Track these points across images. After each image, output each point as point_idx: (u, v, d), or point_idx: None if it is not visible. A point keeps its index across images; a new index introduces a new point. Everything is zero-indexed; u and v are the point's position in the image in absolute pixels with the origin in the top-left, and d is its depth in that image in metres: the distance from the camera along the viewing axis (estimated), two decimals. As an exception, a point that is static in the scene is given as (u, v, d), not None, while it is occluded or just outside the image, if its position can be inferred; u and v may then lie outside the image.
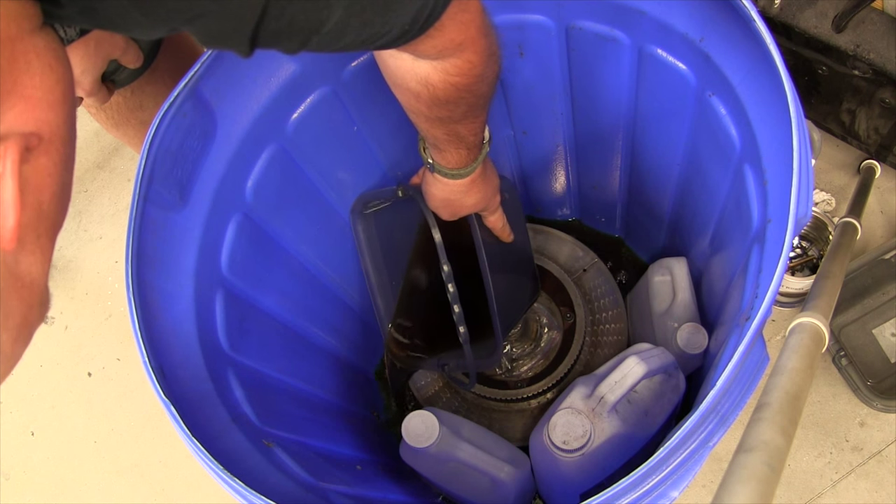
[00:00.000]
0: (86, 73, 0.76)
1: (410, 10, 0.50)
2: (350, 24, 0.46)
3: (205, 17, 0.40)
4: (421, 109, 0.68)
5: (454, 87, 0.65)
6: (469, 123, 0.72)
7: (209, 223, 0.79)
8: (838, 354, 1.15)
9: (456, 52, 0.61)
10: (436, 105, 0.67)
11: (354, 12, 0.45)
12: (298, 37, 0.45)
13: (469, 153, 0.77)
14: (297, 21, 0.43)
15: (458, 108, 0.68)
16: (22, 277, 0.35)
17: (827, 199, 1.30)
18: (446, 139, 0.74)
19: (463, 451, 0.90)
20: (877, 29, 1.01)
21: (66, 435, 1.47)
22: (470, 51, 0.62)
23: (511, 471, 0.91)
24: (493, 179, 0.86)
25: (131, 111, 0.99)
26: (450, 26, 0.57)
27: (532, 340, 1.12)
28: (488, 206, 0.88)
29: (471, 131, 0.74)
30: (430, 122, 0.70)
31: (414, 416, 0.88)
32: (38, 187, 0.35)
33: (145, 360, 0.64)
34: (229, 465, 0.61)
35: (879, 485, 1.14)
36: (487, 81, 0.67)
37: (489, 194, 0.86)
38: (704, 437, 0.61)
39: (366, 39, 0.49)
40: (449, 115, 0.69)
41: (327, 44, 0.47)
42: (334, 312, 1.08)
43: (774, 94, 0.63)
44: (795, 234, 0.57)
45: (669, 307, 0.98)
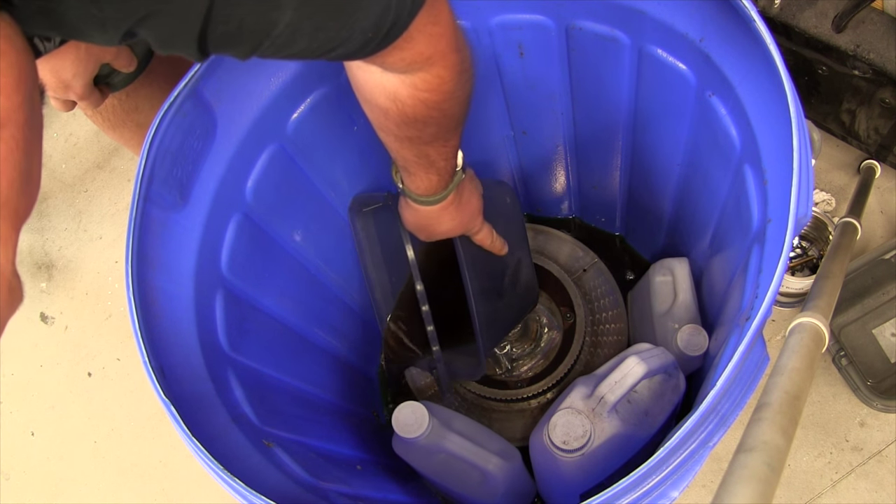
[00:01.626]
0: (77, 76, 0.76)
1: (370, 17, 0.48)
2: (301, 27, 0.44)
3: (154, 18, 0.39)
4: (390, 127, 0.67)
5: (423, 104, 0.63)
6: (440, 146, 0.70)
7: (209, 223, 0.79)
8: (838, 354, 1.15)
9: (425, 66, 0.60)
10: (404, 123, 0.65)
11: (305, 15, 0.44)
12: (249, 41, 0.44)
13: (440, 179, 0.75)
14: (247, 24, 0.42)
15: (427, 128, 0.66)
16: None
17: (827, 199, 1.30)
18: (416, 162, 0.72)
19: (452, 442, 0.90)
20: (877, 29, 1.01)
21: (66, 435, 1.47)
22: (440, 65, 0.60)
23: (500, 463, 0.91)
24: (470, 205, 0.83)
25: (127, 113, 0.99)
26: (419, 38, 0.56)
27: (532, 340, 1.12)
28: (468, 230, 0.86)
29: (441, 155, 0.71)
30: (399, 141, 0.69)
31: (404, 406, 0.88)
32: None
33: (145, 360, 0.64)
34: (229, 465, 0.61)
35: (879, 485, 1.14)
36: (458, 100, 0.65)
37: (465, 220, 0.83)
38: (704, 437, 0.61)
39: (322, 45, 0.48)
40: (418, 136, 0.67)
41: (279, 48, 0.46)
42: (334, 312, 1.08)
43: (774, 94, 0.63)
44: (795, 234, 0.57)
45: (670, 308, 0.98)
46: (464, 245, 0.89)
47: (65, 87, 0.77)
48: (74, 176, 1.70)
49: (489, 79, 0.93)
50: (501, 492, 0.93)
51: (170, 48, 0.43)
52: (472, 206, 0.83)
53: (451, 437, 0.90)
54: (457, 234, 0.85)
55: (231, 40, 0.44)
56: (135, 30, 0.41)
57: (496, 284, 0.97)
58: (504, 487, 0.92)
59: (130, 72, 0.84)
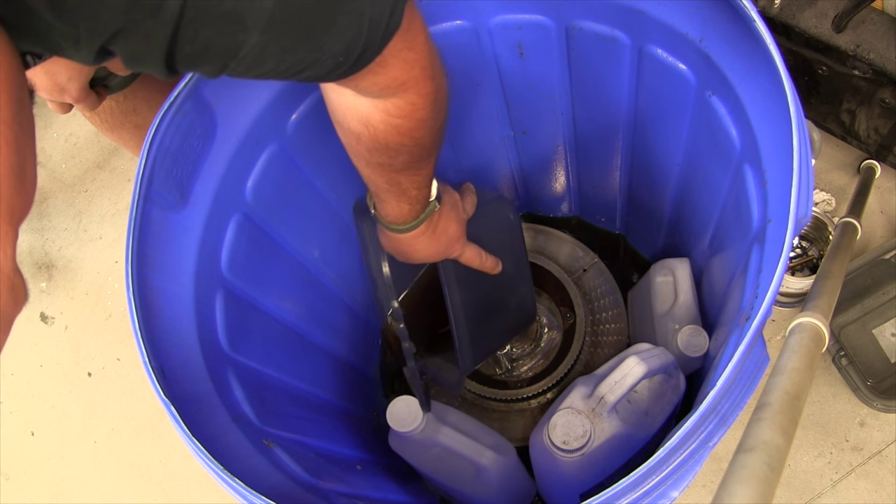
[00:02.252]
0: (72, 79, 0.76)
1: (340, 41, 0.47)
2: (268, 49, 0.44)
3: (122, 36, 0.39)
4: (361, 153, 0.66)
5: (395, 130, 0.62)
6: (411, 175, 0.70)
7: (209, 223, 0.79)
8: (838, 354, 1.15)
9: (398, 92, 0.59)
10: (376, 149, 0.65)
11: (272, 37, 0.43)
12: (216, 61, 0.44)
13: (411, 208, 0.74)
14: (213, 46, 0.42)
15: (399, 156, 0.66)
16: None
17: (827, 199, 1.30)
18: (387, 189, 0.71)
19: (445, 435, 0.90)
20: (877, 29, 1.01)
21: (66, 435, 1.47)
22: (413, 92, 0.60)
23: (493, 456, 0.90)
24: (445, 234, 0.81)
25: (125, 115, 1.00)
26: (393, 64, 0.55)
27: (532, 340, 1.12)
28: (447, 256, 0.85)
29: (413, 184, 0.71)
30: (371, 167, 0.68)
31: (398, 400, 0.88)
32: None
33: (145, 360, 0.64)
34: (229, 465, 0.61)
35: (879, 485, 1.14)
36: (431, 129, 0.65)
37: (441, 249, 0.82)
38: (704, 437, 0.61)
39: (291, 67, 0.47)
40: (390, 163, 0.67)
41: (248, 69, 0.45)
42: (334, 312, 1.08)
43: (774, 94, 0.63)
44: (795, 234, 0.57)
45: (671, 308, 0.98)
46: (446, 263, 0.88)
47: (60, 90, 0.77)
48: (74, 176, 1.70)
49: (489, 79, 0.93)
50: (496, 486, 0.93)
51: (139, 66, 0.43)
52: (448, 235, 0.82)
53: (445, 431, 0.90)
54: (435, 260, 0.84)
55: (198, 60, 0.43)
56: (107, 47, 0.40)
57: (486, 302, 0.96)
58: (498, 481, 0.92)
59: (127, 74, 0.84)
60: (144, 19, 0.39)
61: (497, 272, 0.92)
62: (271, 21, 0.42)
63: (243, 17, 0.41)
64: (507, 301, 1.01)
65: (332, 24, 0.46)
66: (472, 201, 0.87)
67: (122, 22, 0.38)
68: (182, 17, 0.39)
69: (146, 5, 0.38)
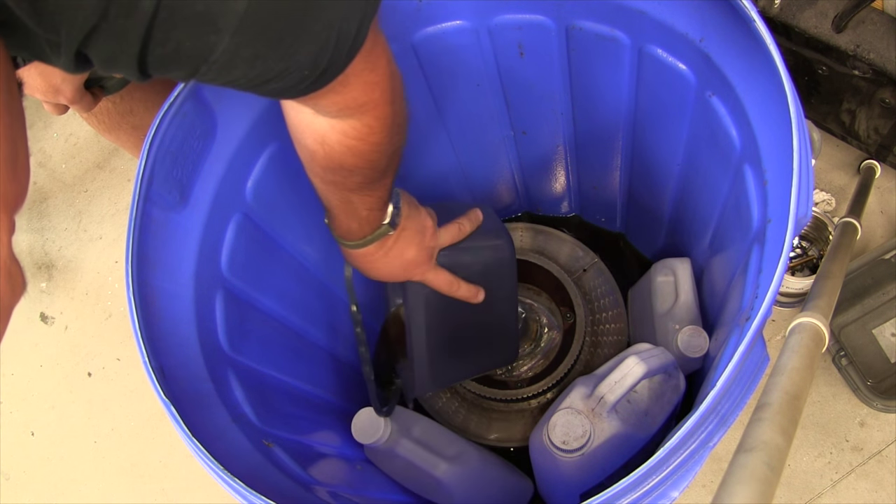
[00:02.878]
0: (66, 80, 0.76)
1: (309, 50, 0.47)
2: (239, 53, 0.44)
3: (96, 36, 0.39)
4: (316, 170, 0.67)
5: (350, 152, 0.63)
6: (364, 196, 0.70)
7: (209, 223, 0.79)
8: (838, 354, 1.15)
9: (356, 114, 0.60)
10: (330, 168, 0.65)
11: (244, 41, 0.43)
12: (187, 65, 0.44)
13: (360, 228, 0.75)
14: (184, 48, 0.42)
15: (352, 176, 0.67)
16: None
17: (827, 199, 1.30)
18: (338, 206, 0.72)
19: (403, 447, 0.90)
20: (877, 29, 1.01)
21: (66, 435, 1.47)
22: (371, 115, 0.60)
23: (448, 469, 0.90)
24: (401, 258, 0.81)
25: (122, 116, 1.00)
26: (354, 84, 0.55)
27: (532, 340, 1.12)
28: (407, 278, 0.85)
29: (364, 204, 0.72)
30: (325, 184, 0.69)
31: (362, 413, 0.89)
32: None
33: (145, 360, 0.64)
34: (229, 465, 0.61)
35: (879, 485, 1.14)
36: (386, 153, 0.65)
37: (397, 271, 0.83)
38: (704, 437, 0.61)
39: (260, 75, 0.47)
40: (343, 182, 0.68)
41: (218, 74, 0.45)
42: (335, 312, 1.08)
43: (774, 94, 0.63)
44: (795, 234, 0.57)
45: (671, 308, 0.98)
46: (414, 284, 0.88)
47: (55, 91, 0.77)
48: (74, 176, 1.70)
49: (489, 79, 0.93)
50: (458, 496, 0.92)
51: (113, 68, 0.43)
52: (403, 259, 0.82)
53: (403, 443, 0.90)
54: (394, 280, 0.85)
55: (170, 63, 0.43)
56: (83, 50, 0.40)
57: (459, 331, 0.95)
58: (459, 492, 0.92)
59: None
60: (118, 18, 0.38)
61: (477, 301, 0.91)
62: (243, 23, 0.42)
63: (215, 18, 0.41)
64: (485, 336, 0.99)
65: (303, 32, 0.46)
66: (457, 231, 0.87)
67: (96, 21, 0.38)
68: (155, 16, 0.39)
69: (121, 4, 0.38)
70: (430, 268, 0.86)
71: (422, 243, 0.83)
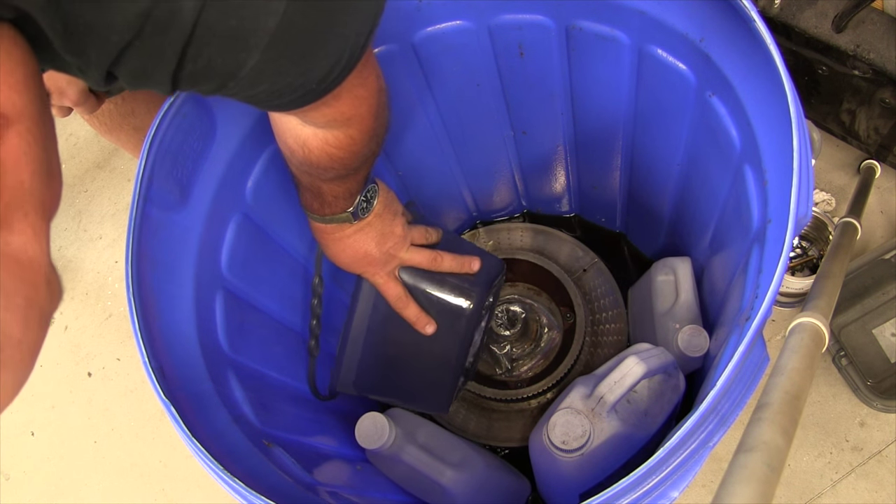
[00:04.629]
0: (71, 83, 0.76)
1: (324, 66, 0.48)
2: (265, 70, 0.45)
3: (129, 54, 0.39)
4: (293, 162, 0.71)
5: (328, 157, 0.65)
6: (334, 186, 0.74)
7: (209, 223, 0.79)
8: (838, 354, 1.15)
9: (341, 126, 0.61)
10: (306, 164, 0.68)
11: (271, 58, 0.44)
12: (216, 80, 0.45)
13: (321, 208, 0.78)
14: (216, 64, 0.43)
15: (326, 174, 0.70)
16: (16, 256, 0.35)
17: (827, 199, 1.30)
18: (307, 186, 0.76)
19: (408, 453, 0.90)
20: (877, 29, 1.01)
21: (66, 435, 1.47)
22: (355, 128, 0.62)
23: (453, 476, 0.90)
24: (352, 249, 0.84)
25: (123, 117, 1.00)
26: (345, 98, 0.57)
27: (532, 340, 1.12)
28: (362, 273, 0.88)
29: (331, 193, 0.75)
30: (298, 171, 0.73)
31: (366, 417, 0.88)
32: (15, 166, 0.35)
33: (145, 360, 0.64)
34: (229, 465, 0.61)
35: (879, 485, 1.14)
36: (363, 158, 0.68)
37: (348, 262, 0.85)
38: (704, 437, 0.61)
39: (278, 90, 0.48)
40: (316, 174, 0.71)
41: (241, 89, 0.46)
42: (334, 313, 1.08)
43: (774, 94, 0.63)
44: (795, 234, 0.57)
45: (671, 308, 0.97)
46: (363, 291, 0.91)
47: (59, 94, 0.77)
48: (74, 176, 1.70)
49: (489, 79, 0.93)
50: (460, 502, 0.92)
51: (144, 83, 0.43)
52: (357, 251, 0.84)
53: (408, 449, 0.90)
54: (344, 268, 0.87)
55: (200, 79, 0.44)
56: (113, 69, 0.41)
57: (396, 349, 0.95)
58: (462, 499, 0.92)
59: None
60: (153, 36, 0.39)
61: (423, 331, 0.91)
62: (273, 41, 0.43)
63: (248, 35, 0.42)
64: (420, 373, 0.97)
65: (323, 48, 0.47)
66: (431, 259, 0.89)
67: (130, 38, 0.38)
68: (193, 33, 0.40)
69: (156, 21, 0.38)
70: (383, 273, 0.88)
71: (381, 245, 0.85)
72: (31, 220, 0.35)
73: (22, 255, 0.35)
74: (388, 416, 0.89)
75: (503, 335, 1.09)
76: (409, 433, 0.92)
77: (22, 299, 0.35)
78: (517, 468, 1.06)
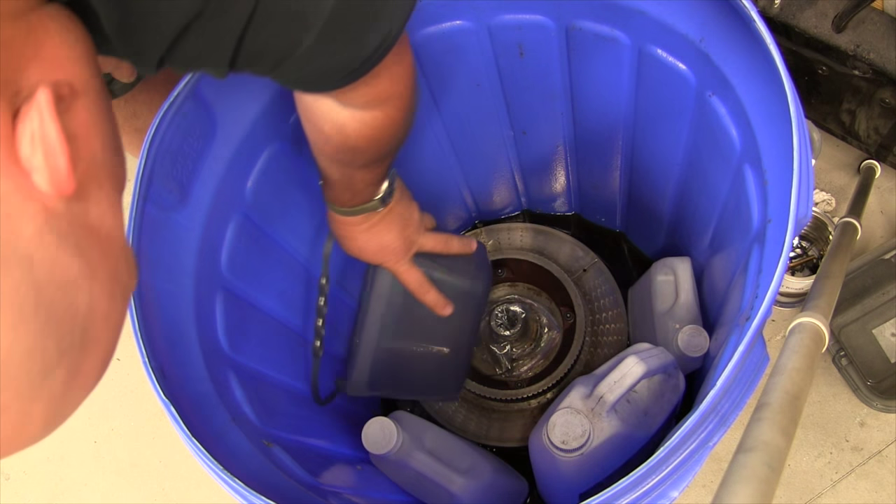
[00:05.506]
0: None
1: (372, 44, 0.49)
2: (318, 51, 0.45)
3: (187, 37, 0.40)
4: (326, 151, 0.70)
5: (366, 139, 0.65)
6: (366, 173, 0.74)
7: (209, 223, 0.79)
8: (838, 354, 1.15)
9: (381, 105, 0.61)
10: (342, 150, 0.68)
11: (327, 37, 0.44)
12: (272, 60, 0.45)
13: (352, 198, 0.78)
14: (272, 45, 0.43)
15: (361, 158, 0.69)
16: (95, 228, 0.34)
17: (827, 199, 1.30)
18: (338, 180, 0.75)
19: (417, 460, 0.90)
20: (877, 29, 1.01)
21: (66, 435, 1.47)
22: (393, 106, 0.62)
23: (464, 484, 0.91)
24: (379, 237, 0.84)
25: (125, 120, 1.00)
26: (384, 76, 0.56)
27: (532, 340, 1.12)
28: (382, 262, 0.88)
29: (363, 180, 0.75)
30: (330, 162, 0.72)
31: (373, 422, 0.88)
32: (86, 138, 0.34)
33: (145, 360, 0.64)
34: (229, 465, 0.61)
35: (879, 485, 1.14)
36: (399, 138, 0.68)
37: (372, 249, 0.86)
38: (704, 437, 0.61)
39: (328, 70, 0.49)
40: (351, 161, 0.70)
41: (294, 69, 0.47)
42: (334, 313, 1.08)
43: (774, 94, 0.63)
44: (795, 234, 0.57)
45: (671, 308, 0.97)
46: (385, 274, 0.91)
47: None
48: (74, 176, 1.70)
49: (489, 79, 0.93)
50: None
51: (198, 66, 0.44)
52: (382, 239, 0.85)
53: (417, 455, 0.90)
54: (366, 259, 0.88)
55: (256, 59, 0.44)
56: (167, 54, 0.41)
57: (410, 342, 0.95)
58: None
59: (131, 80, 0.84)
60: (213, 19, 0.39)
61: (443, 313, 0.93)
62: (329, 20, 0.43)
63: (307, 16, 0.42)
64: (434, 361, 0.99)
65: (373, 26, 0.47)
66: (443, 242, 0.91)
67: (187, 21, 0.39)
68: (253, 14, 0.40)
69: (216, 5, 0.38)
70: (405, 261, 0.88)
71: (403, 231, 0.85)
72: (106, 191, 0.35)
73: (101, 227, 0.34)
74: (394, 421, 0.89)
75: (503, 335, 1.09)
76: (415, 437, 0.91)
77: (106, 272, 0.34)
78: (517, 468, 1.06)
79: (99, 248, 0.34)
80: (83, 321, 0.33)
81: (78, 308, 0.32)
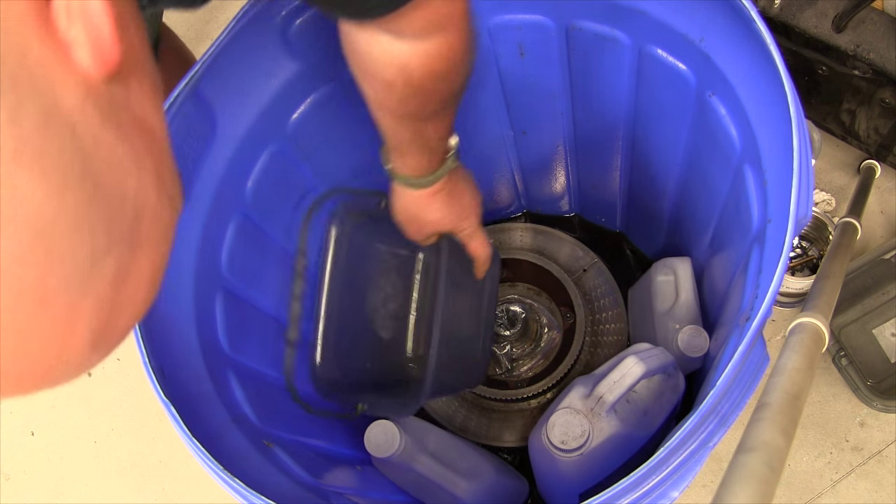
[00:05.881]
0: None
1: None
2: None
3: None
4: (391, 105, 0.65)
5: (432, 75, 0.61)
6: (437, 123, 0.69)
7: (209, 223, 0.79)
8: (838, 354, 1.15)
9: (440, 30, 0.58)
10: (408, 96, 0.63)
11: None
12: None
13: (431, 160, 0.73)
14: None
15: (430, 103, 0.65)
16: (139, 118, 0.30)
17: (827, 199, 1.30)
18: (411, 140, 0.70)
19: (421, 463, 0.90)
20: (877, 29, 1.01)
21: (66, 435, 1.47)
22: (453, 31, 0.58)
23: (467, 487, 0.91)
24: (461, 199, 0.81)
25: None
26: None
27: (532, 340, 1.12)
28: (458, 227, 0.83)
29: (437, 133, 0.70)
30: (396, 119, 0.67)
31: (376, 425, 0.88)
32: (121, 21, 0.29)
33: (145, 360, 0.64)
34: (229, 465, 0.61)
35: (879, 485, 1.14)
36: (464, 73, 0.64)
37: (455, 213, 0.81)
38: (704, 437, 0.61)
39: None
40: (419, 111, 0.66)
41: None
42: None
43: (774, 94, 0.63)
44: (795, 234, 0.57)
45: (671, 308, 0.98)
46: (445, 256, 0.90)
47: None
48: (74, 176, 1.70)
49: (489, 79, 0.93)
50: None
51: None
52: (464, 200, 0.81)
53: (420, 458, 0.90)
54: (446, 227, 0.83)
55: None
56: None
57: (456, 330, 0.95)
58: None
59: None
60: None
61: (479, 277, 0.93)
62: None
63: None
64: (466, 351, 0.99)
65: None
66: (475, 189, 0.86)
67: None
68: None
69: None
70: (479, 223, 0.85)
71: (473, 190, 0.82)
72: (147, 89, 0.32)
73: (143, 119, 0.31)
74: (396, 424, 0.89)
75: (503, 335, 1.09)
76: (417, 440, 0.91)
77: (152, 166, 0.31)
78: (516, 468, 1.06)
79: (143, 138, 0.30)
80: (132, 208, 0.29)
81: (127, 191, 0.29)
